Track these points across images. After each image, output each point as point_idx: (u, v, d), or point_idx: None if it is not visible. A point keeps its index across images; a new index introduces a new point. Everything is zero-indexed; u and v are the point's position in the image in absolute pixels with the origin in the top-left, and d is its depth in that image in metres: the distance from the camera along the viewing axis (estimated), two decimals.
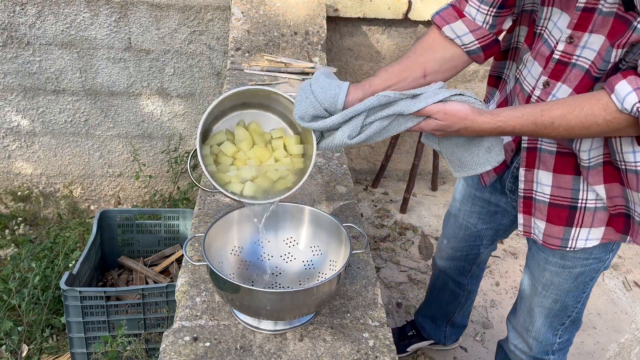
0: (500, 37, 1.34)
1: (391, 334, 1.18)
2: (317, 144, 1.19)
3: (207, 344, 1.12)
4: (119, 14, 2.67)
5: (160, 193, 3.15)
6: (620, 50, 1.06)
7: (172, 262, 2.40)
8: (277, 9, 2.54)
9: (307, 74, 2.30)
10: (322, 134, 1.19)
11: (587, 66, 1.13)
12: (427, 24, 2.88)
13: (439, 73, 1.29)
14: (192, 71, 2.87)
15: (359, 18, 2.81)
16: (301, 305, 1.10)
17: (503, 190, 1.55)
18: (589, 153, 1.22)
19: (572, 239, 1.34)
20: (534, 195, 1.36)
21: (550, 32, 1.20)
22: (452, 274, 1.94)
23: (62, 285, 1.89)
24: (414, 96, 1.13)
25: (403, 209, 3.15)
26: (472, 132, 1.15)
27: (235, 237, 1.28)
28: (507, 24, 1.30)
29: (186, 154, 3.00)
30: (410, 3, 2.76)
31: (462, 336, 2.34)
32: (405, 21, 2.85)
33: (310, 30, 2.52)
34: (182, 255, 1.51)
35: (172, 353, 1.08)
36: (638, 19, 1.01)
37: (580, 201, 1.30)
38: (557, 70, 1.18)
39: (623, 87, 1.02)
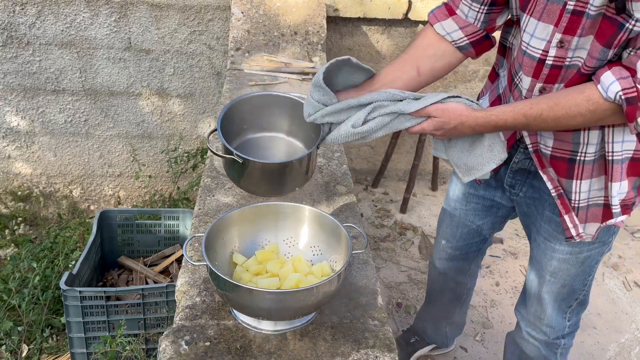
0: (494, 33, 1.39)
1: (391, 334, 1.18)
2: (326, 136, 1.27)
3: (207, 343, 1.12)
4: (119, 14, 2.67)
5: (160, 193, 3.15)
6: (615, 50, 1.13)
7: (172, 262, 2.40)
8: (277, 8, 2.54)
9: (307, 73, 2.30)
10: (329, 129, 1.28)
11: (579, 64, 1.19)
12: (427, 23, 2.88)
13: (433, 70, 1.37)
14: (192, 71, 2.87)
15: (359, 18, 2.81)
16: (301, 305, 1.10)
17: (497, 186, 1.60)
18: (596, 147, 1.28)
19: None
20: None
21: (528, 44, 1.24)
22: (452, 274, 1.94)
23: (62, 285, 1.89)
24: (415, 99, 1.24)
25: (403, 209, 3.15)
26: (469, 128, 1.24)
27: (235, 237, 1.28)
28: (501, 21, 1.36)
29: (186, 154, 3.00)
30: (410, 3, 2.76)
31: (463, 336, 2.34)
32: (405, 21, 2.85)
33: (310, 30, 2.52)
34: (182, 255, 1.51)
35: (172, 353, 1.08)
36: (629, 21, 1.06)
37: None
38: (552, 74, 1.24)
39: (607, 77, 1.12)
